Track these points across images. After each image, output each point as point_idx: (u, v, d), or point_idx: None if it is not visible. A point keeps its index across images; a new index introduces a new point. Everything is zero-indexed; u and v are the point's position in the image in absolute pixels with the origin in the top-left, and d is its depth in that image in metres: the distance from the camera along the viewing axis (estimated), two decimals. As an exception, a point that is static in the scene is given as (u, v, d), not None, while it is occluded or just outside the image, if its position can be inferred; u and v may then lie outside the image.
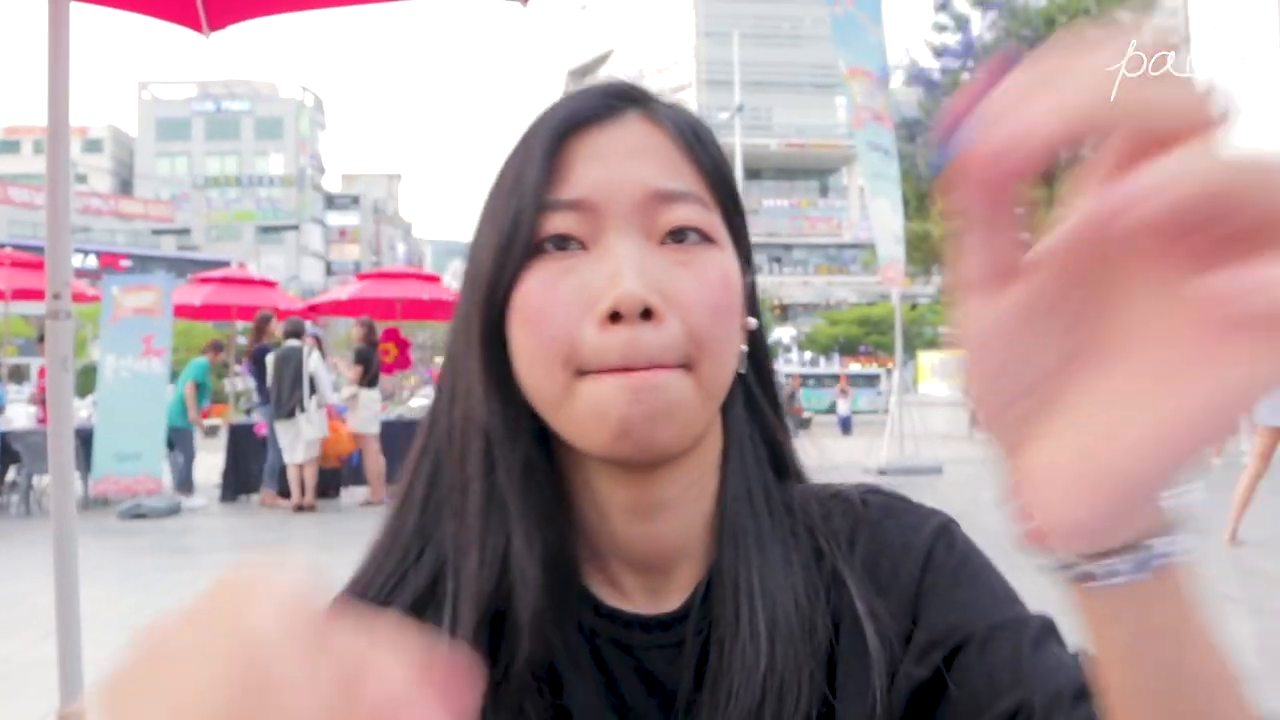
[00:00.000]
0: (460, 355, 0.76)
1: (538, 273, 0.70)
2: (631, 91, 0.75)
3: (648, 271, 0.67)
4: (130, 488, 10.67)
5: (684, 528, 0.76)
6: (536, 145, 0.72)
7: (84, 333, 25.54)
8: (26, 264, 12.14)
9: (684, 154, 0.73)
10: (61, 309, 2.60)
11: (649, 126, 0.73)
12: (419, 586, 0.75)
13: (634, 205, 0.70)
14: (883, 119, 14.15)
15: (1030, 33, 23.85)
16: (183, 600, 0.38)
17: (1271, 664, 4.96)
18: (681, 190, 0.71)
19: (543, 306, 0.69)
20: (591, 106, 0.73)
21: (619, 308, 0.65)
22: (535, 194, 0.70)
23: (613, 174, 0.70)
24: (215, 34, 3.43)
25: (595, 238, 0.70)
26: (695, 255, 0.70)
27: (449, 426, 0.77)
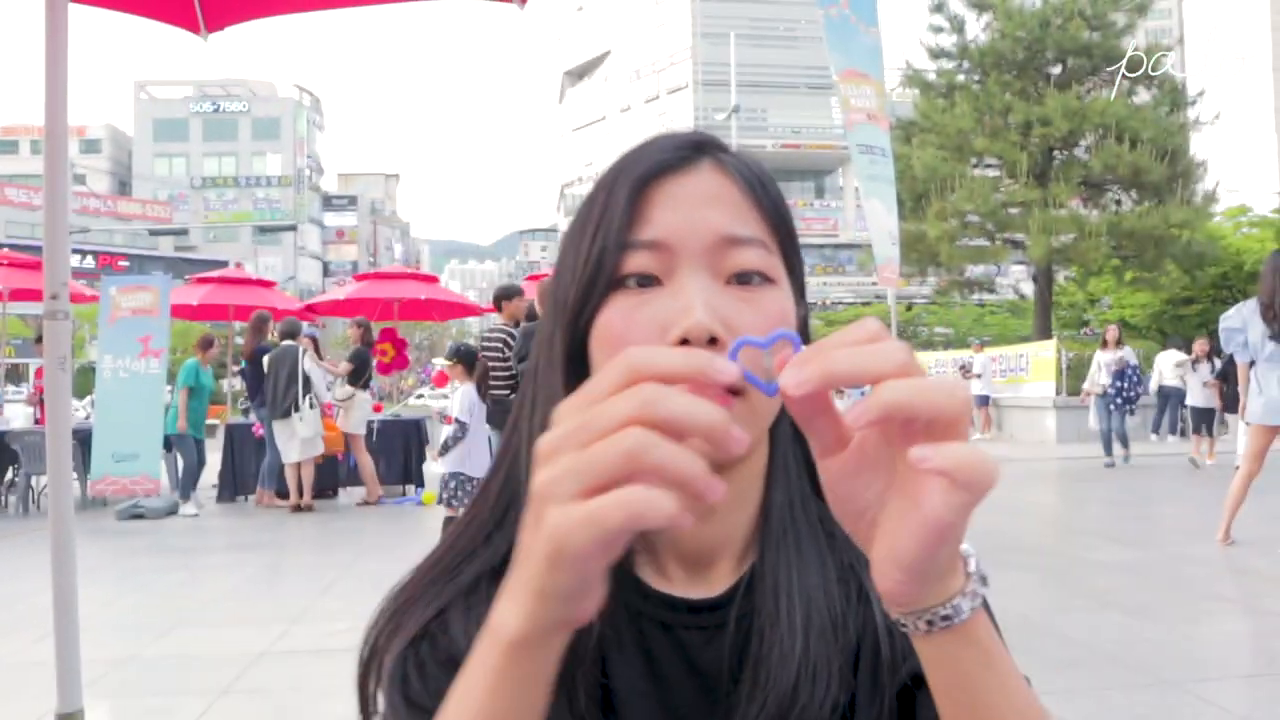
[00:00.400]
0: (543, 370, 0.86)
1: (618, 303, 0.79)
2: (706, 142, 0.84)
3: (715, 306, 0.75)
4: (128, 488, 10.66)
5: (730, 528, 0.85)
6: (621, 191, 0.80)
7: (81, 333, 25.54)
8: (24, 264, 12.13)
9: (750, 201, 0.82)
10: (59, 309, 2.61)
11: (720, 176, 0.82)
12: (487, 563, 0.84)
13: (705, 247, 0.78)
14: (878, 120, 14.15)
15: (1025, 34, 23.86)
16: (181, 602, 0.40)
17: (1266, 664, 4.98)
18: (748, 236, 0.79)
19: (622, 333, 0.77)
20: (671, 157, 0.81)
21: (688, 335, 0.74)
22: (619, 235, 0.79)
23: (687, 219, 0.79)
24: (213, 35, 3.45)
25: (670, 274, 0.78)
26: (757, 294, 0.79)
27: (529, 431, 0.86)
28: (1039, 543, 8.34)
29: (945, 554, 0.58)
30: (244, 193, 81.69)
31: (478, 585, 0.83)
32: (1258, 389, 7.33)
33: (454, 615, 0.82)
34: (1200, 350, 14.57)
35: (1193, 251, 23.61)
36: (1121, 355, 14.39)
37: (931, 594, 0.60)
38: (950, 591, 0.61)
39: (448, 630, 0.81)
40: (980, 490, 0.53)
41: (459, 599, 0.82)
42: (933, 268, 25.78)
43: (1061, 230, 22.81)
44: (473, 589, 0.83)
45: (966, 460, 0.52)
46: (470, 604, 0.81)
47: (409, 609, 0.83)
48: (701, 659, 0.82)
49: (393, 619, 0.84)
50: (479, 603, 0.80)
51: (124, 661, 5.11)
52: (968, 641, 0.62)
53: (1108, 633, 5.39)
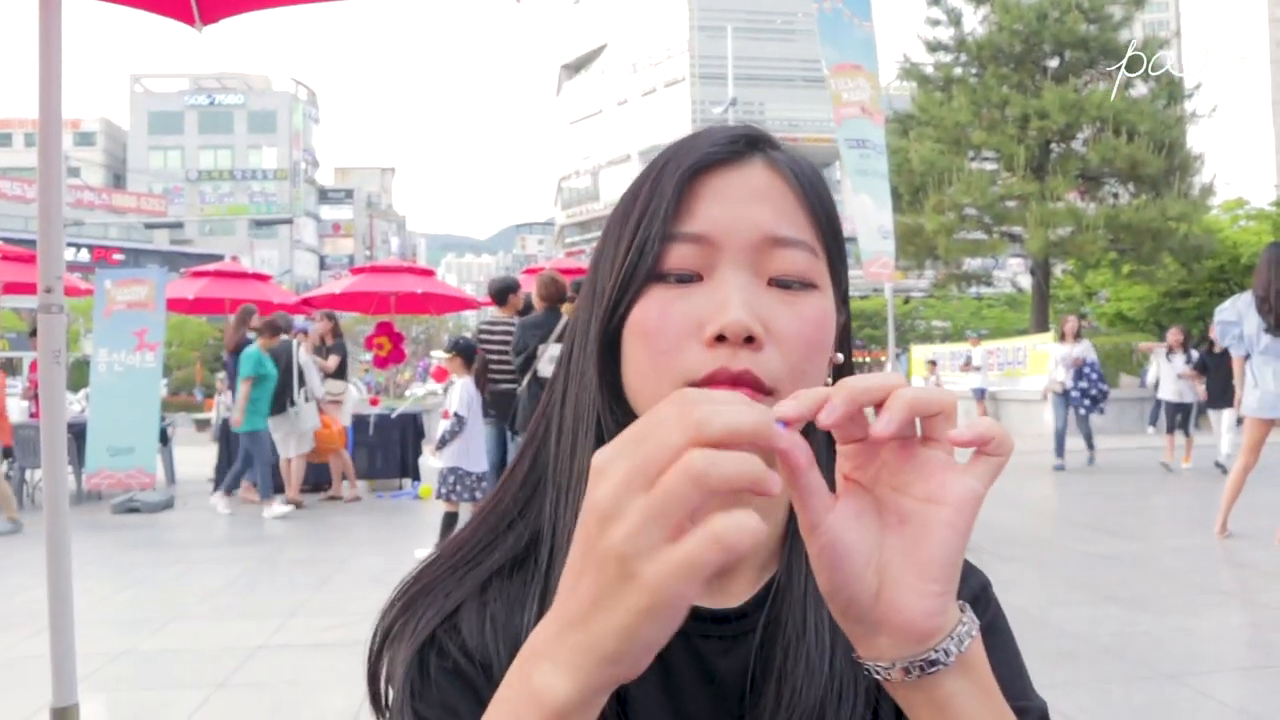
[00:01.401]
0: (576, 358, 0.85)
1: (657, 295, 0.77)
2: (758, 137, 0.82)
3: (754, 304, 0.75)
4: (123, 482, 10.64)
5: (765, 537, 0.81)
6: (669, 181, 0.78)
7: (76, 327, 25.51)
8: (18, 258, 12.08)
9: (799, 201, 0.80)
10: (54, 303, 2.60)
11: (770, 173, 0.80)
12: (507, 554, 0.83)
13: (749, 245, 0.77)
14: (871, 114, 14.14)
15: (1022, 27, 23.84)
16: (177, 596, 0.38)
17: (1263, 656, 4.98)
18: (793, 237, 0.78)
19: (659, 325, 0.76)
20: (721, 150, 0.79)
21: (725, 331, 0.73)
22: (663, 225, 0.77)
23: (733, 214, 0.77)
24: (208, 28, 3.43)
25: (711, 269, 0.77)
26: (798, 297, 0.78)
27: (560, 420, 0.85)
28: (1037, 536, 8.34)
29: (960, 554, 0.60)
30: (239, 186, 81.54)
31: (490, 581, 0.82)
32: (1253, 382, 7.33)
33: (466, 614, 0.80)
34: (1174, 340, 13.31)
35: (1190, 244, 23.61)
36: (1079, 352, 13.37)
37: (949, 615, 0.62)
38: (950, 620, 0.62)
39: (459, 632, 0.79)
40: (1007, 450, 0.59)
41: (473, 597, 0.81)
42: (930, 261, 25.78)
43: (1059, 223, 22.81)
44: (487, 585, 0.81)
45: (989, 427, 0.59)
46: (485, 600, 0.80)
47: (422, 598, 0.82)
48: (719, 669, 0.81)
49: (406, 609, 0.82)
50: (492, 599, 0.80)
51: (120, 656, 5.10)
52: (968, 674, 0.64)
53: (1105, 625, 5.40)
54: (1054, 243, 23.01)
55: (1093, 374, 13.21)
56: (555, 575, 0.77)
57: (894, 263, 14.10)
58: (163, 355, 11.77)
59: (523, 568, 0.82)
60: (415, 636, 0.81)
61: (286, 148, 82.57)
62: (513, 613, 0.79)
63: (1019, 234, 23.98)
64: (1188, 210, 22.88)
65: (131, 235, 64.95)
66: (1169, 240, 23.08)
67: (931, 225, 23.48)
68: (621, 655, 0.53)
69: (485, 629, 0.79)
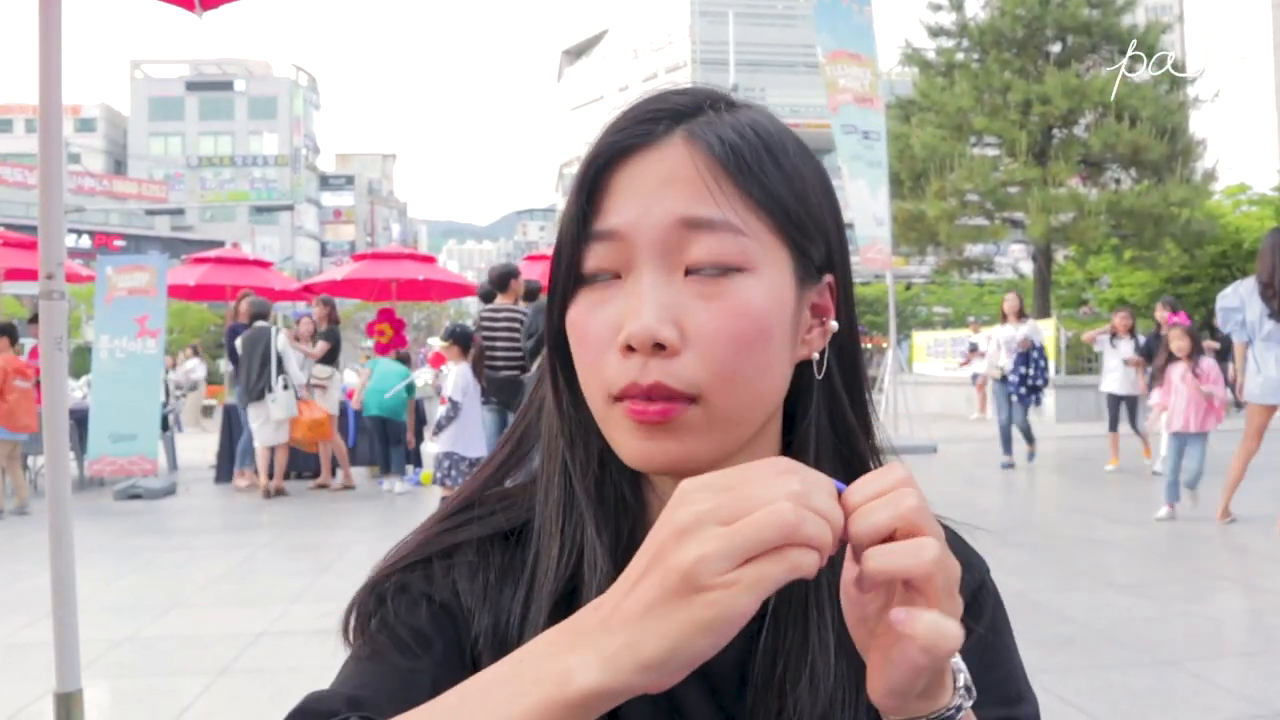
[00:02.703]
0: (545, 366, 0.84)
1: (582, 300, 0.75)
2: (678, 108, 0.75)
3: (666, 305, 0.70)
4: (125, 469, 10.65)
5: None
6: (576, 179, 0.75)
7: (77, 313, 25.49)
8: (19, 244, 12.07)
9: (718, 177, 0.72)
10: (55, 289, 2.60)
11: (686, 151, 0.73)
12: (507, 524, 0.83)
13: (661, 235, 0.71)
14: (869, 100, 14.11)
15: (1025, 12, 23.76)
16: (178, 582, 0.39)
17: (1264, 641, 4.99)
18: (709, 218, 0.71)
19: (583, 333, 0.74)
20: (630, 135, 0.73)
21: (631, 341, 0.69)
22: (574, 226, 0.74)
23: (643, 205, 0.72)
24: (208, 13, 3.42)
25: (628, 268, 0.72)
26: (722, 287, 0.71)
27: (537, 417, 0.86)
28: (1037, 521, 8.35)
29: (924, 682, 0.61)
30: (240, 172, 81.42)
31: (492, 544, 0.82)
32: (1255, 368, 7.34)
33: (461, 564, 0.80)
34: (1120, 324, 11.76)
35: (1192, 230, 23.59)
36: (1025, 334, 11.80)
37: (918, 708, 0.63)
38: (936, 705, 0.63)
39: (451, 573, 0.79)
40: (940, 658, 0.57)
41: (471, 549, 0.81)
42: (932, 247, 25.74)
43: (1061, 209, 22.78)
44: (487, 547, 0.81)
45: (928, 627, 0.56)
46: (483, 562, 0.80)
47: (404, 560, 0.81)
48: (714, 663, 0.72)
49: (401, 560, 0.81)
50: (489, 563, 0.80)
51: (122, 642, 5.12)
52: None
53: (1105, 611, 5.41)
54: (1056, 228, 22.98)
55: (1041, 360, 11.82)
56: (538, 589, 0.78)
57: (889, 249, 14.08)
58: (164, 341, 11.76)
59: (520, 547, 0.81)
60: (405, 559, 0.81)
61: (287, 134, 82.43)
62: (503, 583, 0.79)
63: (1021, 220, 23.95)
64: (1190, 196, 22.85)
65: (132, 221, 64.90)
66: (1171, 226, 23.05)
67: (933, 211, 23.44)
68: (663, 663, 0.54)
69: (477, 582, 0.79)
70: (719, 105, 0.76)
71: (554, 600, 0.76)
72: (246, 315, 10.81)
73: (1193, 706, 3.97)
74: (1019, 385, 11.65)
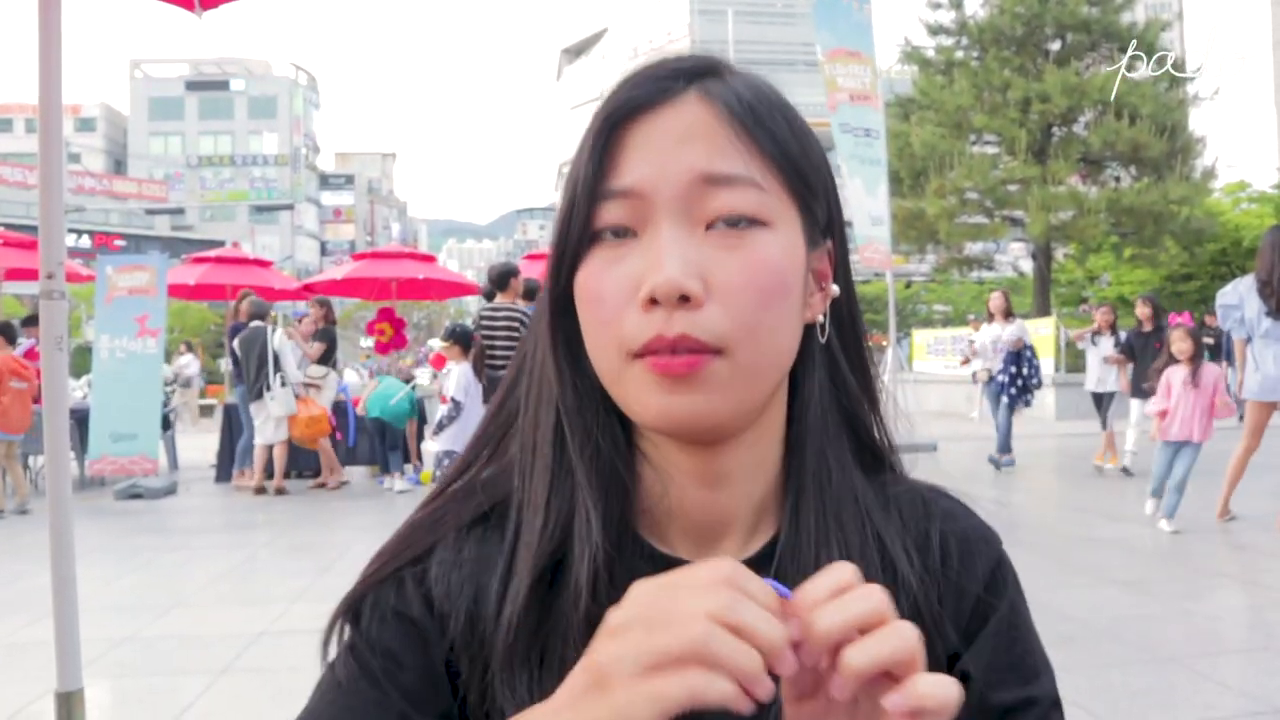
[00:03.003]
0: (538, 329, 0.82)
1: (595, 259, 0.73)
2: (690, 69, 0.75)
3: (690, 257, 0.69)
4: (126, 468, 10.65)
5: (745, 497, 0.79)
6: (590, 137, 0.74)
7: (78, 313, 25.49)
8: (19, 244, 12.07)
9: (736, 133, 0.73)
10: (55, 289, 2.60)
11: (702, 107, 0.73)
12: (480, 508, 0.82)
13: (681, 191, 0.71)
14: (868, 99, 14.09)
15: (1024, 10, 23.75)
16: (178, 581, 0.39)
17: (1264, 638, 4.99)
18: (730, 173, 0.71)
19: (597, 291, 0.72)
20: (644, 93, 0.74)
21: (656, 294, 0.68)
22: (588, 184, 0.73)
23: (661, 161, 0.71)
24: (207, 13, 3.42)
25: (645, 224, 0.72)
26: (744, 239, 0.71)
27: (528, 387, 0.83)
28: (1037, 519, 8.35)
29: None
30: (240, 172, 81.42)
31: (467, 535, 0.80)
32: (1254, 365, 7.34)
33: (436, 562, 0.79)
34: (1102, 321, 11.54)
35: (1192, 228, 23.59)
36: (1016, 333, 11.34)
37: None
38: None
39: (426, 578, 0.78)
40: (945, 711, 0.55)
41: (446, 546, 0.80)
42: (931, 245, 25.75)
43: (1060, 207, 22.77)
44: (462, 539, 0.80)
45: (930, 692, 0.54)
46: (458, 556, 0.79)
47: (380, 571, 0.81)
48: None
49: (376, 573, 0.81)
50: (466, 556, 0.79)
51: (123, 641, 5.12)
52: None
53: (1106, 609, 5.41)
54: (1055, 226, 22.98)
55: (1032, 360, 11.40)
56: (517, 567, 0.76)
57: (886, 248, 14.06)
58: (164, 341, 11.76)
59: (498, 529, 0.80)
60: (377, 573, 0.80)
61: (287, 133, 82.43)
62: (480, 572, 0.78)
63: (1020, 218, 23.94)
64: (1189, 193, 22.85)
65: (132, 221, 64.85)
66: (1171, 224, 23.05)
67: (933, 209, 23.44)
68: None
69: (451, 582, 0.78)
70: (724, 70, 0.77)
71: (536, 575, 0.75)
72: (246, 315, 10.82)
73: (1193, 704, 3.97)
74: (1010, 385, 11.24)
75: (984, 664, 0.79)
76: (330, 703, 0.75)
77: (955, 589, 0.81)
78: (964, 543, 0.83)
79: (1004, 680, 0.80)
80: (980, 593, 0.81)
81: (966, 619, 0.81)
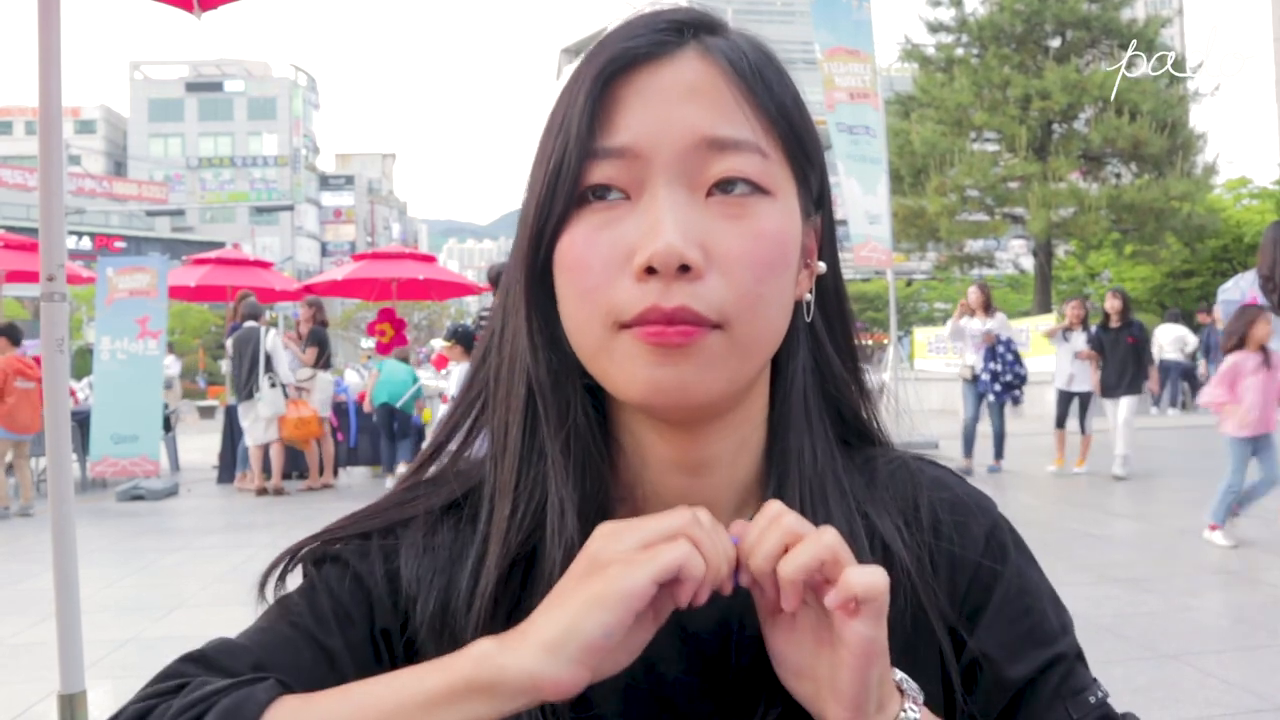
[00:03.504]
0: (511, 297, 0.76)
1: (581, 223, 0.68)
2: (689, 22, 0.71)
3: (690, 225, 0.65)
4: (128, 470, 10.66)
5: (727, 484, 0.76)
6: (581, 87, 0.68)
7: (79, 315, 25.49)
8: (20, 246, 12.07)
9: (741, 94, 0.68)
10: (56, 291, 2.59)
11: (704, 64, 0.68)
12: (450, 496, 0.79)
13: (681, 153, 0.66)
14: (867, 97, 14.07)
15: (1024, 7, 23.74)
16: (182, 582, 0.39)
17: (1267, 635, 4.99)
18: (734, 138, 0.67)
19: (583, 258, 0.67)
20: (642, 44, 0.68)
21: (654, 262, 0.64)
22: (579, 140, 0.67)
23: (661, 119, 0.67)
24: (207, 14, 3.42)
25: (640, 187, 0.67)
26: (746, 208, 0.67)
27: (498, 364, 0.77)
28: (1038, 516, 8.34)
29: (877, 677, 0.63)
30: (240, 173, 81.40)
31: (439, 525, 0.77)
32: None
33: (407, 546, 0.76)
34: (1073, 316, 10.77)
35: (1193, 224, 23.59)
36: (992, 326, 10.51)
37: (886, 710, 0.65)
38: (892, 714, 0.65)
39: (395, 557, 0.76)
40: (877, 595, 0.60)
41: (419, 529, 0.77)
42: (932, 243, 25.76)
43: (1061, 204, 22.78)
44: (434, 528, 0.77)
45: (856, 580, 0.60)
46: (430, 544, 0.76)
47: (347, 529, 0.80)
48: (692, 622, 0.72)
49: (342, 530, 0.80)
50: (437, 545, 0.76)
51: (126, 642, 5.12)
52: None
53: (1107, 606, 5.40)
54: (1056, 223, 22.98)
55: (1008, 354, 10.50)
56: (487, 557, 0.73)
57: (883, 247, 14.04)
58: (165, 343, 11.75)
59: (472, 520, 0.76)
60: (349, 529, 0.79)
61: (287, 134, 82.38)
62: (453, 561, 0.75)
63: (1021, 215, 23.96)
64: (1190, 190, 22.85)
65: (133, 223, 64.82)
66: (1172, 220, 23.05)
67: (933, 207, 23.45)
68: (560, 642, 0.58)
69: (421, 567, 0.75)
70: (722, 26, 0.73)
71: (507, 563, 0.71)
72: (241, 316, 10.84)
73: (1196, 701, 3.97)
74: (991, 383, 10.43)
75: (998, 642, 0.76)
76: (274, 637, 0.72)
77: (949, 558, 0.78)
78: (956, 510, 0.80)
79: (1021, 652, 0.76)
80: (979, 560, 0.78)
81: (965, 589, 0.78)
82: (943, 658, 0.76)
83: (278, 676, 0.66)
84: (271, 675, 0.66)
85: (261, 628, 0.74)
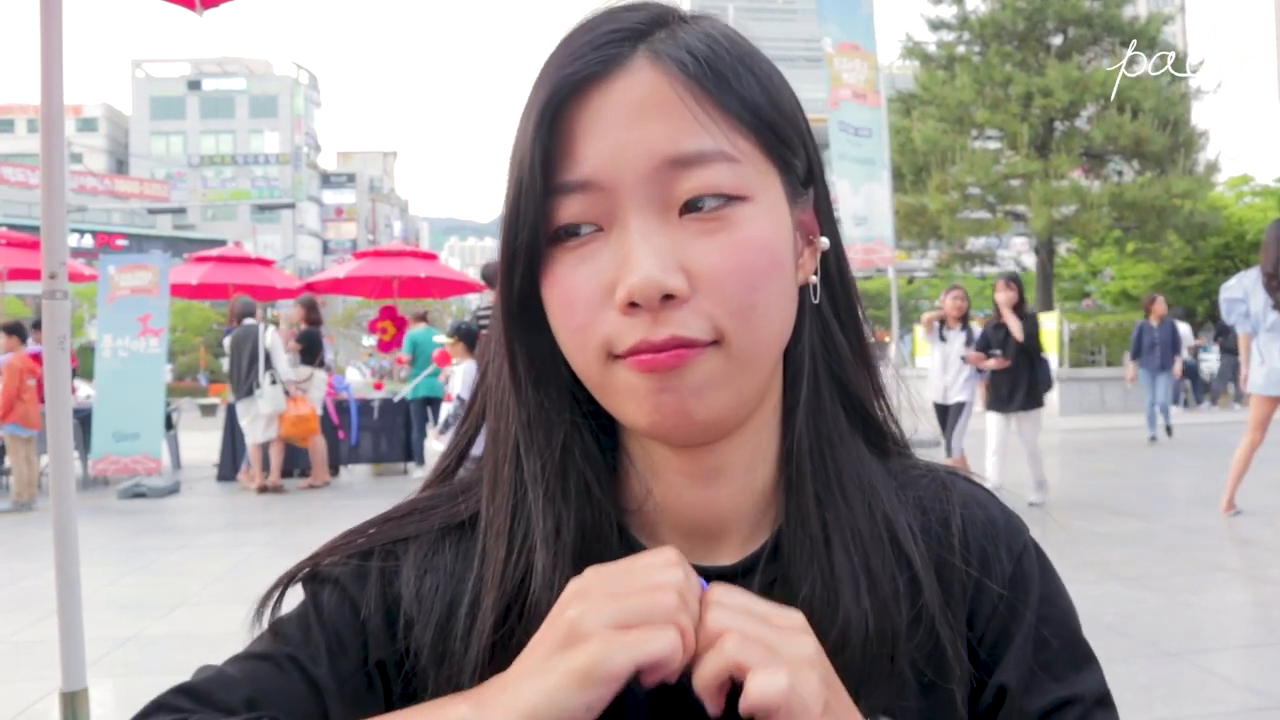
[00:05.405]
0: (493, 328, 0.75)
1: (557, 263, 0.66)
2: (635, 25, 0.66)
3: (666, 251, 0.62)
4: (129, 468, 10.66)
5: (741, 492, 0.73)
6: (530, 121, 0.65)
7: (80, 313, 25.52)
8: (22, 244, 12.10)
9: (697, 99, 0.64)
10: (58, 289, 2.59)
11: (654, 73, 0.64)
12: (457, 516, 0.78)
13: (645, 178, 0.63)
14: (865, 96, 14.06)
15: (1025, 4, 23.72)
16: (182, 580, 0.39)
17: (1268, 633, 4.98)
18: (697, 150, 0.63)
19: (567, 296, 0.65)
20: (585, 66, 0.64)
21: (635, 297, 0.61)
22: (535, 178, 0.64)
23: (617, 145, 0.63)
24: (208, 12, 3.41)
25: (611, 218, 0.64)
26: (723, 220, 0.64)
27: (497, 401, 0.76)
28: (1040, 514, 8.33)
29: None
30: (242, 171, 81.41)
31: (441, 546, 0.76)
32: (1259, 359, 7.32)
33: (407, 567, 0.75)
34: (953, 311, 8.86)
35: (1195, 222, 23.58)
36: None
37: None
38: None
39: (396, 579, 0.75)
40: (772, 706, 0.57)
41: (422, 547, 0.76)
42: (933, 240, 25.75)
43: (1063, 202, 22.78)
44: (436, 549, 0.76)
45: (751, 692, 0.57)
46: (431, 565, 0.75)
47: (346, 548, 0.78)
48: None
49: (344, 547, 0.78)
50: (438, 566, 0.75)
51: (127, 640, 5.12)
52: None
53: (1109, 604, 5.40)
54: (1058, 221, 22.98)
55: None
56: (483, 601, 0.71)
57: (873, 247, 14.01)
58: (167, 341, 11.76)
59: (472, 540, 0.75)
60: (348, 548, 0.77)
61: (288, 132, 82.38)
62: (455, 585, 0.73)
63: (1023, 213, 23.95)
64: (1192, 187, 22.84)
65: (135, 221, 64.90)
66: (1174, 217, 23.04)
67: (935, 205, 23.44)
68: (537, 713, 0.57)
69: (424, 587, 0.74)
70: (674, 19, 0.68)
71: (503, 605, 0.70)
72: (235, 318, 10.85)
73: (1198, 699, 3.96)
74: None
75: (1018, 673, 0.74)
76: (266, 668, 0.72)
77: (975, 583, 0.75)
78: (987, 531, 0.78)
79: (1038, 684, 0.74)
80: (1004, 589, 0.76)
81: (989, 616, 0.75)
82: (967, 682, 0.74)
83: (271, 714, 0.67)
84: (265, 714, 0.67)
85: (254, 654, 0.73)
